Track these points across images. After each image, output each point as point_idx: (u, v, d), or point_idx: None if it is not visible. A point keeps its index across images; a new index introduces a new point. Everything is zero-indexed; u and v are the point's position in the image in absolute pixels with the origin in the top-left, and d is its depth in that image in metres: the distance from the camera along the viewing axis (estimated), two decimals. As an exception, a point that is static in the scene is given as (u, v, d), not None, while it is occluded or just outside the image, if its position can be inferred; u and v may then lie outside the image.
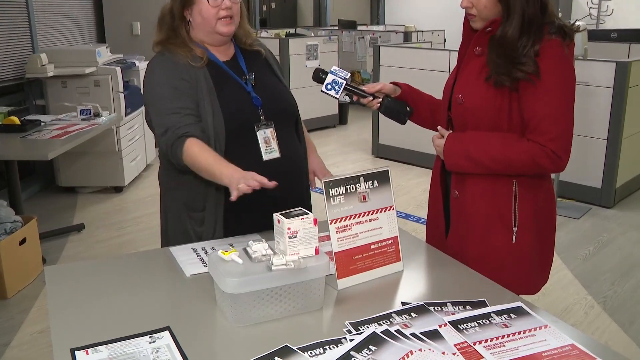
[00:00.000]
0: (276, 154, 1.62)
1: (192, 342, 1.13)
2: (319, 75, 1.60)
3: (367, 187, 1.40)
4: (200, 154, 1.49)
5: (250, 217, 1.61)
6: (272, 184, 1.40)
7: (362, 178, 1.39)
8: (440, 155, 1.58)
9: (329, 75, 1.59)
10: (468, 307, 1.25)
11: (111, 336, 1.14)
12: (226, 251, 1.23)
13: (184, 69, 1.58)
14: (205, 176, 1.51)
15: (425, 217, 1.77)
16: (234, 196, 1.39)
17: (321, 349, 1.08)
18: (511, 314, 1.21)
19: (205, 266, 1.44)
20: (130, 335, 1.14)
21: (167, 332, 1.15)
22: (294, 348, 1.08)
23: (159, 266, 1.52)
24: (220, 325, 1.22)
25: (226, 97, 1.60)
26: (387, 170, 1.44)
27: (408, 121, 1.68)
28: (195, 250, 1.55)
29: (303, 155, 1.75)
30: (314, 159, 1.81)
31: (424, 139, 4.97)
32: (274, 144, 1.62)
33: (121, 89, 4.36)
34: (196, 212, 1.63)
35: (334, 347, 1.08)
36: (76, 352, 1.09)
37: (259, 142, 1.60)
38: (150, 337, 1.13)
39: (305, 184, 1.76)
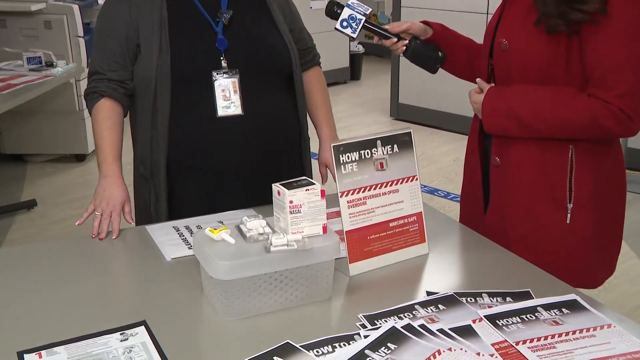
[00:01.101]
0: (236, 110, 1.64)
1: (173, 340, 1.15)
2: (332, 10, 1.60)
3: (385, 152, 1.41)
4: (100, 125, 1.65)
5: (203, 188, 1.67)
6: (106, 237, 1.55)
7: (379, 142, 1.40)
8: (478, 114, 1.58)
9: (345, 9, 1.59)
10: (509, 298, 1.26)
11: (72, 334, 1.16)
12: (215, 229, 1.24)
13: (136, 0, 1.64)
14: None
15: (456, 193, 1.79)
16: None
17: (329, 346, 1.10)
18: (563, 309, 1.22)
19: (189, 248, 1.47)
20: (96, 332, 1.16)
21: (142, 328, 1.18)
22: (297, 346, 1.10)
23: (132, 248, 1.55)
24: (208, 319, 1.24)
25: (181, 35, 1.63)
26: (410, 132, 1.45)
27: (440, 70, 1.67)
28: (178, 229, 1.58)
29: (292, 120, 1.76)
30: (327, 150, 1.82)
31: (455, 97, 4.87)
32: (235, 98, 1.64)
33: (80, 32, 4.32)
34: (146, 169, 1.69)
35: (345, 345, 1.10)
36: (25, 355, 1.10)
37: (215, 93, 1.62)
38: (121, 334, 1.16)
39: (291, 156, 1.78)
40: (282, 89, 1.74)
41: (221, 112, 1.63)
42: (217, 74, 1.63)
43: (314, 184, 1.27)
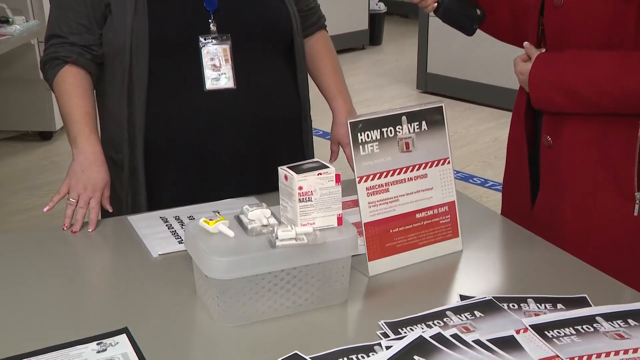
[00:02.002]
0: (228, 83, 1.65)
1: (160, 350, 1.17)
2: None
3: (411, 130, 1.42)
4: (68, 93, 1.65)
5: (187, 175, 1.68)
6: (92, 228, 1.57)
7: (404, 118, 1.41)
8: (524, 87, 1.58)
9: None
10: (560, 305, 1.27)
11: (39, 345, 1.16)
12: (211, 220, 1.25)
13: None
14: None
15: (495, 180, 1.80)
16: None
17: (345, 359, 1.12)
18: (629, 320, 1.22)
19: (180, 242, 1.49)
20: (68, 342, 1.17)
21: (123, 336, 1.19)
22: (307, 358, 1.12)
23: (111, 243, 1.57)
24: (202, 326, 1.26)
25: None
26: (441, 107, 1.45)
27: (478, 31, 1.67)
28: (166, 220, 1.59)
29: (292, 95, 1.77)
30: (342, 125, 1.84)
31: (495, 65, 4.85)
32: (227, 69, 1.64)
33: (43, -18, 4.33)
34: (118, 152, 1.69)
35: (363, 357, 1.12)
36: (-19, 371, 1.12)
37: (203, 62, 1.63)
38: (98, 344, 1.17)
39: (290, 137, 1.79)
40: (281, 59, 1.75)
41: (210, 84, 1.64)
42: (205, 39, 1.63)
43: (328, 167, 1.28)
